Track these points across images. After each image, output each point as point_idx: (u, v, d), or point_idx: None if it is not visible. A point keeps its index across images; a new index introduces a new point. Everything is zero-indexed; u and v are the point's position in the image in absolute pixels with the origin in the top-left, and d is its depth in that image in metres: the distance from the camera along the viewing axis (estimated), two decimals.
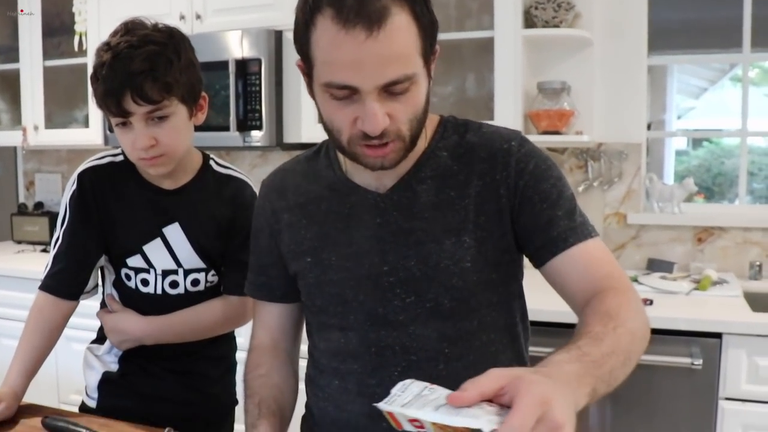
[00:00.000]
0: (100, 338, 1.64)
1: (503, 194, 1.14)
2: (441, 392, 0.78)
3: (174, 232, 1.51)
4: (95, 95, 1.35)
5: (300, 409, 1.33)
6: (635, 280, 2.59)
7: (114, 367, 1.60)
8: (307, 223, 1.22)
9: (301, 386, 1.33)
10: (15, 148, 3.98)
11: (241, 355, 1.60)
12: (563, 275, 1.12)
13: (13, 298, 3.00)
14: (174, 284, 1.53)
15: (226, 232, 1.55)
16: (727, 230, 2.76)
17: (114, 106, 1.32)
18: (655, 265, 2.76)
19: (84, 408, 1.60)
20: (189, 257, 1.53)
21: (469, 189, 1.14)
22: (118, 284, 1.56)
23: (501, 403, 0.75)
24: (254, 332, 1.34)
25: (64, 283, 1.52)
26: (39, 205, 3.84)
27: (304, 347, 1.34)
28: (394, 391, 0.79)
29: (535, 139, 1.84)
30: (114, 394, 1.60)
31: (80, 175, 1.52)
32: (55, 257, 1.53)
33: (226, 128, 2.81)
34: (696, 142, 5.60)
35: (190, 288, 1.54)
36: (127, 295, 1.56)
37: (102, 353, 1.61)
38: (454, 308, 1.15)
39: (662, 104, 4.38)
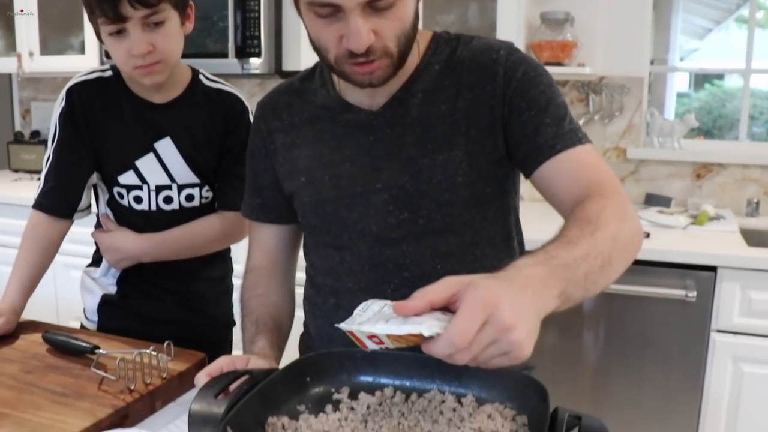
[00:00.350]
0: (96, 261, 1.64)
1: (494, 105, 1.12)
2: None
3: (166, 146, 1.50)
4: (89, 3, 1.32)
5: (298, 328, 1.35)
6: None
7: (112, 289, 1.61)
8: (301, 142, 1.21)
9: (299, 312, 1.34)
10: (10, 76, 3.93)
11: (237, 277, 1.64)
12: (550, 183, 1.10)
13: (10, 226, 3.00)
14: (168, 200, 1.53)
15: (218, 146, 1.54)
16: (726, 167, 2.75)
17: (110, 11, 1.29)
18: (653, 200, 2.76)
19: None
20: (182, 172, 1.52)
21: (459, 102, 1.13)
22: (112, 203, 1.55)
23: (453, 310, 0.74)
24: (251, 253, 1.34)
25: (57, 201, 1.52)
26: (35, 134, 3.81)
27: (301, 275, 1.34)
28: (356, 311, 0.80)
29: None
30: (113, 316, 1.61)
31: (69, 91, 1.50)
32: (46, 175, 1.53)
33: (225, 55, 2.76)
34: (698, 84, 5.54)
35: (184, 204, 1.54)
36: (121, 214, 1.56)
37: (99, 276, 1.62)
38: (447, 224, 1.15)
39: (666, 43, 4.31)
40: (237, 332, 1.70)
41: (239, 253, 2.27)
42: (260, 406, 0.90)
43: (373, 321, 0.78)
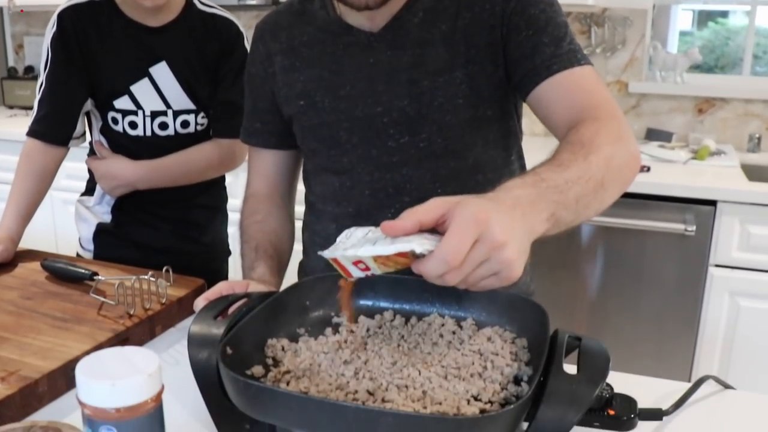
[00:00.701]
0: (90, 189, 1.63)
1: (493, 24, 1.09)
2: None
3: (161, 71, 1.47)
4: None
5: (298, 256, 1.34)
6: None
7: (107, 218, 1.60)
8: (300, 65, 1.19)
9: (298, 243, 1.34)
10: (1, 10, 3.86)
11: (233, 210, 1.62)
12: (546, 104, 1.06)
13: (6, 162, 2.98)
14: (163, 126, 1.51)
15: (214, 72, 1.51)
16: (729, 101, 2.72)
17: None
18: (653, 135, 2.74)
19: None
20: (178, 97, 1.50)
21: (458, 22, 1.10)
22: (106, 131, 1.53)
23: (442, 230, 0.72)
24: (250, 180, 1.33)
25: (51, 127, 1.50)
26: (29, 69, 3.76)
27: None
28: (339, 239, 0.77)
29: None
30: (109, 245, 1.60)
31: (60, 15, 1.47)
32: (39, 102, 1.50)
33: None
34: (701, 22, 5.45)
35: (180, 130, 1.52)
36: (115, 141, 1.54)
37: (93, 204, 1.61)
38: (448, 147, 1.13)
39: None
40: (234, 262, 1.70)
41: (238, 187, 2.26)
42: (260, 328, 0.90)
43: (359, 245, 0.75)
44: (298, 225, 1.34)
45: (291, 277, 1.24)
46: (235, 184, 2.66)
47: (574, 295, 2.42)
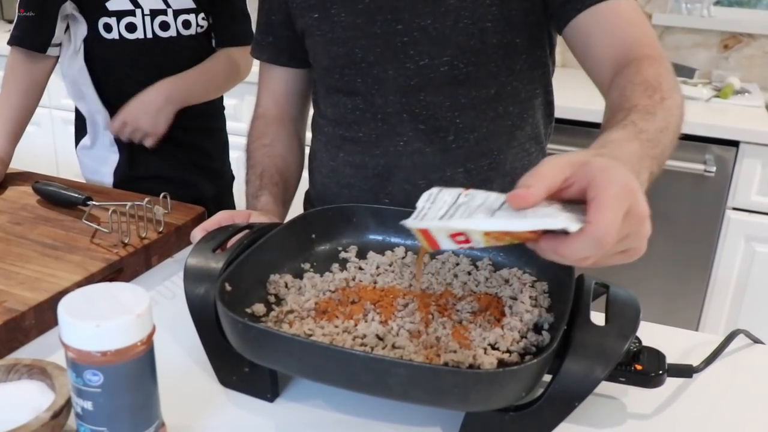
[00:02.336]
0: (80, 129, 1.55)
1: None
2: (486, 195, 0.61)
3: None
4: None
5: (304, 186, 1.28)
6: None
7: (114, 158, 1.53)
8: None
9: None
10: None
11: (234, 134, 1.54)
12: (588, 36, 0.96)
13: None
14: (164, 26, 1.42)
15: None
16: (756, 38, 2.60)
17: None
18: (675, 70, 2.59)
19: None
20: None
21: None
22: (94, 43, 1.44)
23: (565, 197, 0.59)
24: (259, 100, 1.26)
25: (29, 32, 1.41)
26: None
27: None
28: (421, 204, 0.62)
29: None
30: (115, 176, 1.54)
31: None
32: (19, 6, 1.42)
33: None
34: None
35: (182, 30, 1.44)
36: (107, 53, 1.44)
37: (92, 145, 1.53)
38: (470, 73, 1.04)
39: None
40: (237, 189, 1.64)
41: (243, 111, 2.18)
42: (261, 263, 0.84)
43: (460, 214, 0.60)
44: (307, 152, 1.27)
45: (297, 208, 1.18)
46: (240, 107, 2.58)
47: None
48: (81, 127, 1.56)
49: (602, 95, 0.94)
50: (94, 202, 1.15)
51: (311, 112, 1.25)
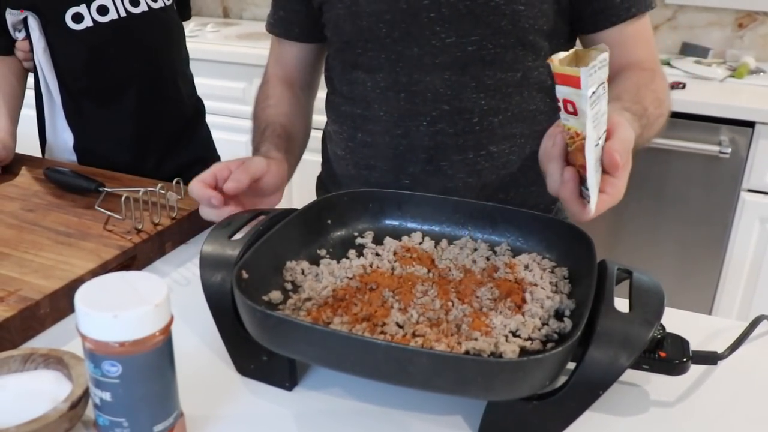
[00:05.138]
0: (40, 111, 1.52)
1: None
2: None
3: None
4: None
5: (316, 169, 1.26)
6: (667, 63, 2.44)
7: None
8: None
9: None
10: None
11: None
12: (612, 46, 0.99)
13: None
14: (135, 2, 1.40)
15: None
16: None
17: None
18: (689, 50, 2.59)
19: None
20: None
21: None
22: (58, 41, 1.39)
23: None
24: (267, 68, 1.25)
25: None
26: None
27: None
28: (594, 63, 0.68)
29: None
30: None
31: None
32: None
33: None
34: None
35: (151, 3, 1.42)
36: (73, 47, 1.39)
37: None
38: (499, 55, 1.02)
39: None
40: None
41: (251, 93, 2.14)
42: (277, 249, 0.83)
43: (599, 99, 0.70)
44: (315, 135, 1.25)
45: (309, 195, 1.16)
46: (249, 90, 2.56)
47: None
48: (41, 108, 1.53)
49: None
50: (106, 188, 1.14)
51: (324, 92, 1.23)
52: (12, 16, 1.37)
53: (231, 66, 2.61)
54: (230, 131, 2.40)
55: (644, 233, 2.29)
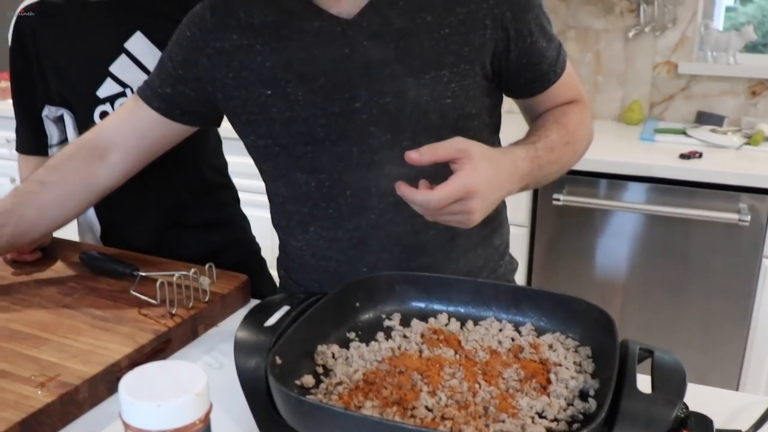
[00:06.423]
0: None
1: (489, 24, 1.02)
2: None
3: (137, 43, 1.40)
4: None
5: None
6: (683, 132, 2.48)
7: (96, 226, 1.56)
8: (263, 49, 1.06)
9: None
10: None
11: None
12: (542, 102, 1.14)
13: None
14: None
15: None
16: None
17: None
18: (704, 119, 2.63)
19: None
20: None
21: (451, 17, 1.01)
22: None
23: (453, 169, 0.88)
24: (95, 127, 1.21)
25: (24, 139, 1.47)
26: None
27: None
28: None
29: None
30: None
31: (17, 23, 1.40)
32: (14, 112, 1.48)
33: None
34: None
35: None
36: None
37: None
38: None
39: None
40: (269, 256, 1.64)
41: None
42: (309, 334, 0.86)
43: None
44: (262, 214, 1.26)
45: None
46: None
47: (615, 288, 2.34)
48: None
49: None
50: (141, 273, 1.18)
51: (261, 184, 1.22)
52: (50, 112, 1.44)
53: None
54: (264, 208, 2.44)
55: (670, 303, 2.29)
